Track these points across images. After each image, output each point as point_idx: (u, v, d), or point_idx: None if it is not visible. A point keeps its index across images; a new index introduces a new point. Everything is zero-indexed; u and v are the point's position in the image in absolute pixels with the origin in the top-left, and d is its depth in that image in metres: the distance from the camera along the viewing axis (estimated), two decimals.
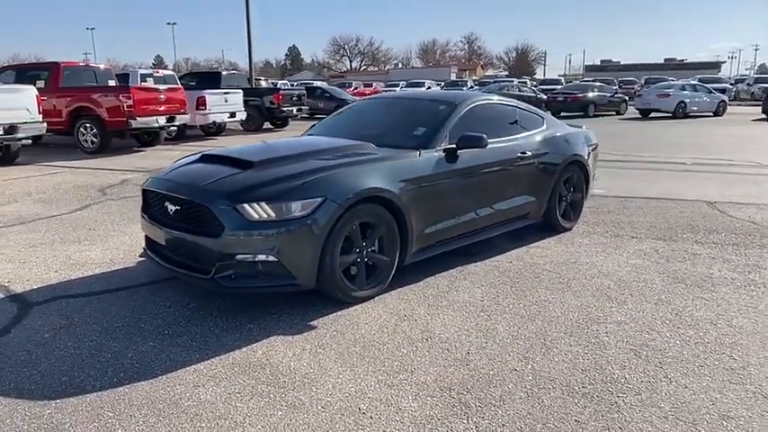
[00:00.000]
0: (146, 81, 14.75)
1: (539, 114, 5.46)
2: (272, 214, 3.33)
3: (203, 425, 2.40)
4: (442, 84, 43.72)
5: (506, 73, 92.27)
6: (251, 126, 17.30)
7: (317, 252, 3.39)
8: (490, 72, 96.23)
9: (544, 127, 5.36)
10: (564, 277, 4.21)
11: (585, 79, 43.22)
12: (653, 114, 23.40)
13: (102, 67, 13.99)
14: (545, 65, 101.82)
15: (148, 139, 13.06)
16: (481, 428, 2.39)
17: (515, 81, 39.78)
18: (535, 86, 36.28)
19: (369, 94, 43.60)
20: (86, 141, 11.85)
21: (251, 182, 3.49)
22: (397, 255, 3.90)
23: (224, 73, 18.53)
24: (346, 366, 2.90)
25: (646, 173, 9.17)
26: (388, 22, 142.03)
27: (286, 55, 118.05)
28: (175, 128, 13.62)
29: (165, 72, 16.08)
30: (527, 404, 2.57)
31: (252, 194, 3.37)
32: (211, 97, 14.46)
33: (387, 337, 3.23)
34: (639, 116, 23.70)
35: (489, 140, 4.57)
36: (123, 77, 14.65)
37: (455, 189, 4.28)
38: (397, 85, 45.75)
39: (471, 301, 3.76)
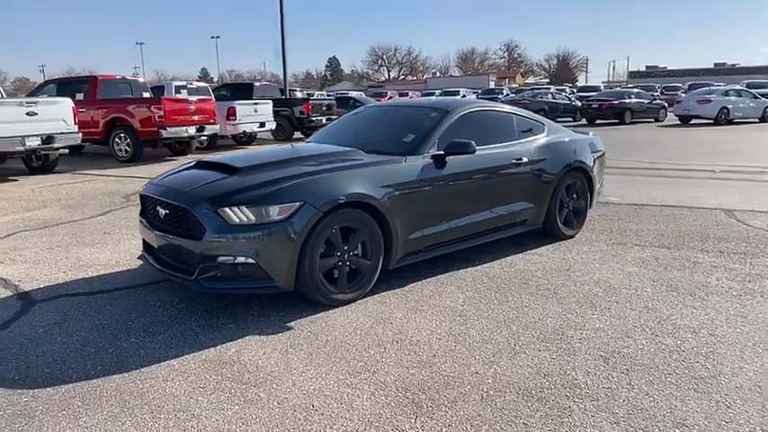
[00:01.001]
0: (180, 93, 15.28)
1: (539, 121, 5.45)
2: (252, 218, 3.45)
3: (162, 416, 2.52)
4: (479, 92, 43.60)
5: (547, 80, 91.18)
6: (281, 135, 17.65)
7: (295, 255, 3.49)
8: (530, 80, 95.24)
9: (544, 134, 5.34)
10: (552, 284, 4.19)
11: (627, 86, 42.31)
12: (694, 121, 22.75)
13: (140, 79, 14.56)
14: (587, 72, 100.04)
15: (180, 148, 13.50)
16: (427, 428, 2.43)
17: (553, 88, 39.38)
18: (572, 94, 35.83)
19: None
20: (120, 150, 12.35)
21: (233, 187, 3.62)
22: (381, 259, 3.96)
23: (256, 84, 18.97)
24: (312, 366, 2.98)
25: (669, 180, 8.96)
26: (427, 32, 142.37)
27: (326, 66, 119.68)
28: (206, 137, 14.03)
29: (199, 84, 16.60)
30: (479, 406, 2.59)
31: (233, 199, 3.50)
32: (241, 108, 14.84)
33: (358, 339, 3.30)
34: (679, 123, 23.07)
35: (482, 147, 4.63)
36: (159, 89, 15.21)
37: (443, 195, 4.32)
38: (432, 94, 45.89)
39: (452, 306, 3.79)
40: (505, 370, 2.93)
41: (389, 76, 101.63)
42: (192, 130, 12.61)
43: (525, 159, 4.94)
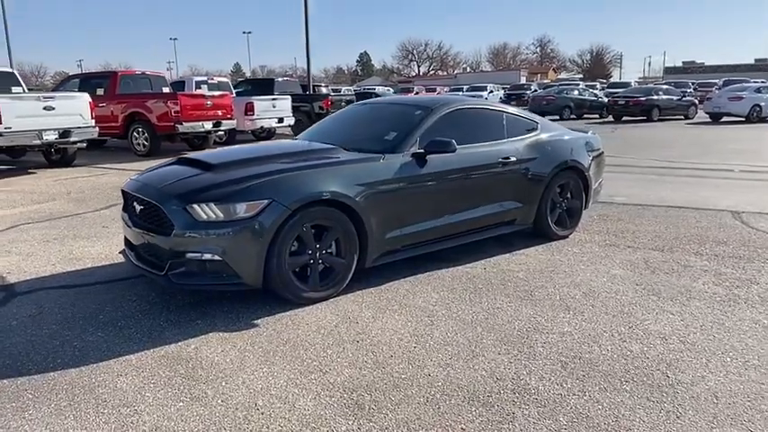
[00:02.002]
0: (200, 88, 15.52)
1: (532, 120, 5.35)
2: (221, 215, 3.48)
3: (105, 411, 2.56)
4: (507, 87, 43.15)
5: (580, 76, 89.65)
6: (300, 130, 17.73)
7: (263, 253, 3.51)
8: (563, 75, 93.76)
9: (536, 132, 5.25)
10: (531, 286, 4.12)
11: (659, 82, 41.27)
12: (725, 119, 22.06)
13: (161, 75, 14.81)
14: (621, 67, 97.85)
15: (198, 143, 13.69)
16: (363, 430, 2.41)
17: (582, 84, 38.73)
18: (602, 90, 35.17)
19: None
20: (139, 145, 12.59)
21: (203, 183, 3.66)
22: (356, 258, 3.95)
23: (278, 80, 19.11)
24: (266, 364, 2.99)
25: (683, 180, 8.71)
26: (459, 27, 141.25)
27: (357, 61, 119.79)
28: (224, 132, 14.19)
29: (220, 79, 16.84)
30: (421, 409, 2.56)
31: (201, 195, 3.53)
32: (259, 103, 14.96)
33: (320, 338, 3.30)
34: (710, 120, 22.40)
35: (468, 145, 4.59)
36: (180, 85, 15.45)
37: (424, 194, 4.28)
38: (461, 89, 45.60)
39: (423, 306, 3.75)
40: (459, 373, 2.89)
41: (419, 71, 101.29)
42: (208, 125, 12.77)
43: (513, 158, 4.85)
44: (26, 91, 11.71)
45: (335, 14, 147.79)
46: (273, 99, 15.55)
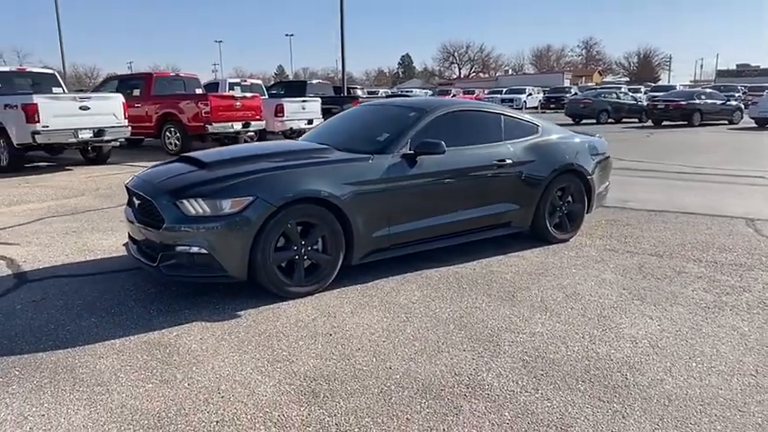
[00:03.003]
0: (233, 89, 15.94)
1: (532, 123, 5.36)
2: (208, 210, 3.66)
3: (80, 389, 2.75)
4: (546, 90, 42.62)
5: (626, 79, 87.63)
6: None
7: (247, 247, 3.67)
8: (609, 78, 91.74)
9: (536, 135, 5.26)
10: (516, 287, 4.16)
11: (708, 85, 39.93)
12: None
13: (194, 76, 15.29)
14: (670, 70, 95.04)
15: (228, 143, 14.06)
16: (312, 416, 2.53)
17: (624, 87, 37.96)
18: (645, 93, 34.37)
19: None
20: (170, 144, 13.05)
21: (194, 180, 3.85)
22: (341, 255, 4.07)
23: (311, 82, 19.43)
24: (238, 352, 3.14)
25: (707, 186, 8.51)
26: (501, 29, 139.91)
27: (399, 63, 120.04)
28: (253, 133, 14.54)
29: (253, 81, 17.24)
30: (373, 400, 2.66)
31: (191, 191, 3.72)
32: (289, 105, 15.26)
33: (295, 330, 3.43)
34: (755, 126, 21.60)
35: (461, 147, 4.66)
36: (213, 86, 15.91)
37: (414, 194, 4.37)
38: (500, 92, 45.30)
39: (403, 303, 3.85)
40: (419, 367, 2.97)
41: (460, 73, 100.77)
42: (237, 126, 13.13)
43: (510, 161, 4.89)
44: (66, 91, 12.29)
45: (378, 17, 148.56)
46: (304, 101, 15.83)
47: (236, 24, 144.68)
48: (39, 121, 9.69)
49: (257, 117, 13.68)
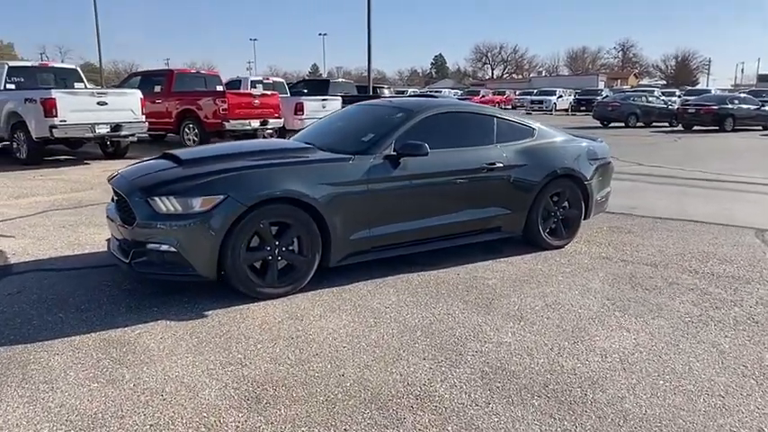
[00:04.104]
0: (255, 87, 16.04)
1: (527, 126, 5.21)
2: (179, 208, 3.64)
3: (26, 386, 2.75)
4: (578, 91, 41.95)
5: (663, 82, 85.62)
6: None
7: (216, 246, 3.63)
8: (645, 81, 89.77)
9: (531, 139, 5.11)
10: (496, 294, 4.04)
11: (745, 90, 38.67)
12: None
13: (215, 73, 15.45)
14: (708, 74, 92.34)
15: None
16: (249, 423, 2.47)
17: (657, 91, 37.16)
18: (680, 97, 33.56)
19: (498, 103, 43.19)
20: (189, 140, 13.19)
21: (167, 177, 3.83)
22: (317, 257, 4.01)
23: (334, 80, 19.45)
24: (194, 353, 3.11)
25: (724, 194, 8.20)
26: (536, 30, 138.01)
27: (432, 63, 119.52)
28: (271, 130, 14.61)
29: (275, 79, 17.32)
30: (315, 408, 2.59)
31: (162, 189, 3.71)
32: (309, 104, 15.27)
33: (258, 332, 3.38)
34: None
35: (448, 149, 4.57)
36: (236, 84, 16.04)
37: (395, 196, 4.29)
38: (530, 93, 44.79)
39: (375, 308, 3.76)
40: (374, 375, 2.89)
41: (493, 74, 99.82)
42: (255, 124, 13.19)
43: (500, 164, 4.76)
44: (87, 86, 12.53)
45: (412, 17, 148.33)
46: (324, 100, 15.82)
47: (272, 23, 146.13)
48: (56, 116, 9.88)
49: (275, 115, 13.73)
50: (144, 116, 11.28)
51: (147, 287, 4.05)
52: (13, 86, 11.08)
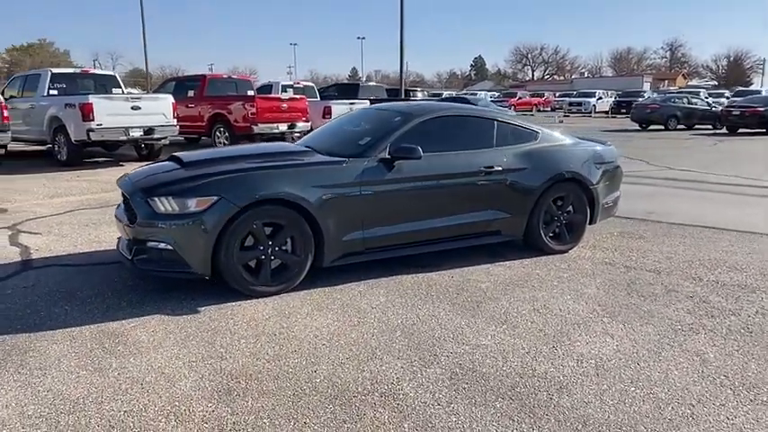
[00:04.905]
0: (286, 92, 16.37)
1: (530, 129, 5.21)
2: (176, 208, 3.81)
3: (22, 371, 2.95)
4: (620, 93, 41.06)
5: (714, 83, 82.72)
6: None
7: (210, 245, 3.79)
8: (694, 82, 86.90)
9: (534, 142, 5.11)
10: (485, 297, 4.07)
11: None
12: None
13: (247, 78, 15.84)
14: (763, 74, 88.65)
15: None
16: (215, 413, 2.60)
17: (703, 92, 36.07)
18: (728, 98, 32.48)
19: (535, 105, 42.59)
20: (220, 143, 13.55)
21: (167, 179, 4.02)
22: (310, 257, 4.12)
23: (368, 84, 19.63)
24: (179, 346, 3.26)
25: (754, 200, 7.93)
26: (578, 30, 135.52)
27: (471, 65, 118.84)
28: (299, 134, 14.87)
29: (306, 83, 17.62)
30: (281, 402, 2.70)
31: (162, 190, 3.89)
32: (337, 107, 15.47)
33: (244, 328, 3.52)
34: None
35: (445, 152, 4.62)
36: (267, 88, 16.39)
37: (389, 199, 4.36)
38: (570, 95, 44.10)
39: (362, 308, 3.85)
40: (345, 372, 2.98)
41: (533, 75, 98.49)
42: (283, 127, 13.46)
43: (499, 167, 4.78)
44: (125, 92, 13.05)
45: (451, 18, 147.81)
46: (351, 103, 16.00)
47: (313, 27, 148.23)
48: (93, 120, 10.36)
49: (303, 118, 13.98)
50: (175, 120, 11.68)
51: (150, 283, 4.24)
52: (55, 92, 11.66)
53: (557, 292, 4.20)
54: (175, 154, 4.69)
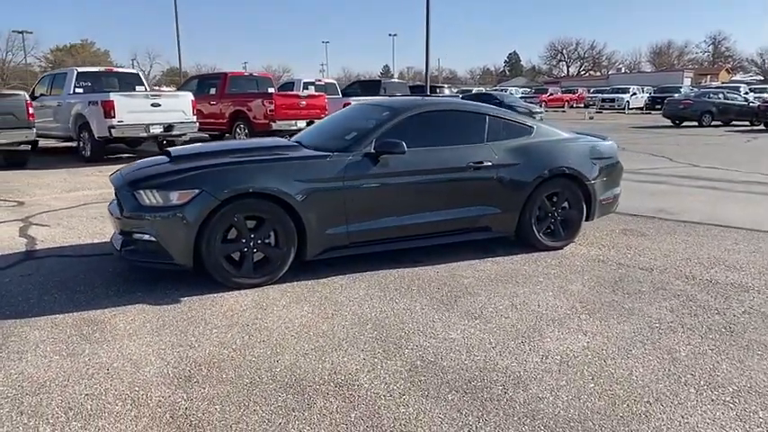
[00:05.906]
0: (308, 89, 16.52)
1: (524, 124, 5.15)
2: (160, 201, 3.92)
3: (1, 355, 3.09)
4: (655, 88, 40.09)
5: (760, 78, 79.90)
6: None
7: (191, 237, 3.88)
8: (738, 77, 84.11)
9: (527, 137, 5.06)
10: (465, 292, 4.06)
11: None
12: None
13: (267, 75, 16.05)
14: None
15: None
16: (170, 398, 2.67)
17: (743, 87, 34.94)
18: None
19: (567, 101, 41.87)
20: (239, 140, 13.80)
21: (154, 172, 4.13)
22: (293, 250, 4.18)
23: (392, 80, 19.66)
24: (153, 334, 3.35)
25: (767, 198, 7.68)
26: (616, 24, 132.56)
27: (505, 61, 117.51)
28: None
29: (328, 81, 17.76)
30: (236, 389, 2.76)
31: (147, 183, 4.00)
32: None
33: (220, 318, 3.60)
34: None
35: (432, 147, 4.63)
36: (289, 86, 16.57)
37: (374, 193, 4.39)
38: (603, 91, 43.25)
39: (340, 301, 3.89)
40: (306, 363, 3.02)
41: (568, 71, 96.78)
42: (301, 124, 13.57)
43: (488, 162, 4.75)
44: (148, 90, 13.38)
45: (485, 12, 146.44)
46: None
47: (347, 24, 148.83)
48: (114, 117, 10.67)
49: (322, 115, 14.05)
50: (195, 117, 11.92)
51: (139, 274, 4.37)
52: (81, 90, 12.04)
53: (539, 288, 4.16)
54: (167, 149, 4.81)
